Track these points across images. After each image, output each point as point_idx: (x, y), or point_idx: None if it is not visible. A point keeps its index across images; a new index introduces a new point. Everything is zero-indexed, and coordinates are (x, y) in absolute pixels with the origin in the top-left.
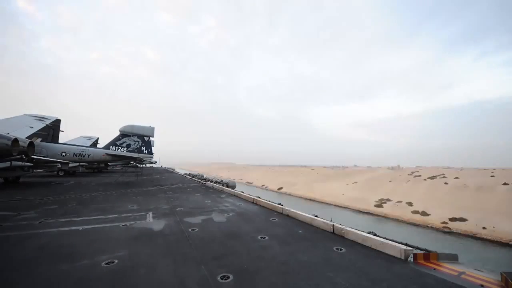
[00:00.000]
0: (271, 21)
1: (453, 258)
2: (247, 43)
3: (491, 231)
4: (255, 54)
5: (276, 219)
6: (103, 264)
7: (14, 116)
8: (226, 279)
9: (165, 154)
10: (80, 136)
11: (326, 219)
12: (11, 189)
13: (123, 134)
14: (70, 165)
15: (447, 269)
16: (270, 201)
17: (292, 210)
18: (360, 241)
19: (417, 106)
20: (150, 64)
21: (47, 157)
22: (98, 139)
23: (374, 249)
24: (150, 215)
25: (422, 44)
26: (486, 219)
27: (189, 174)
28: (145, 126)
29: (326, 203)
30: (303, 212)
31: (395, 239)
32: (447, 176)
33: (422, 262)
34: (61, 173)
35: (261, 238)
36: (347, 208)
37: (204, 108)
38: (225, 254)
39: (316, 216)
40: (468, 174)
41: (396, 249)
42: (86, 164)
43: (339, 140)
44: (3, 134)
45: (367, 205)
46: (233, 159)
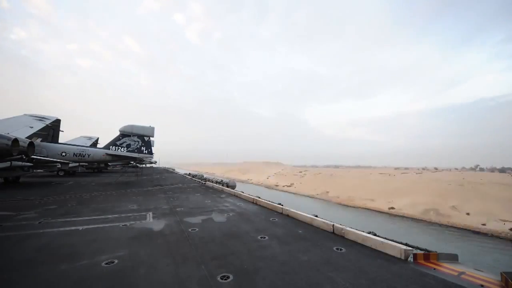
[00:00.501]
0: (260, 10)
1: (453, 258)
2: (237, 36)
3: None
4: (246, 48)
5: (276, 219)
6: (103, 264)
7: (14, 116)
8: (226, 279)
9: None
10: (80, 136)
11: (326, 219)
12: (11, 189)
13: (123, 134)
14: (70, 165)
15: (447, 269)
16: (270, 201)
17: (292, 210)
18: (360, 241)
19: (416, 104)
20: (135, 57)
21: (47, 157)
22: (98, 139)
23: (374, 249)
24: (150, 215)
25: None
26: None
27: (189, 174)
28: (145, 126)
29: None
30: (303, 212)
31: (395, 239)
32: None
33: (422, 262)
34: (61, 173)
35: (261, 238)
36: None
37: (194, 104)
38: (225, 254)
39: (316, 216)
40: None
41: (396, 249)
42: (86, 164)
43: (334, 138)
44: (3, 134)
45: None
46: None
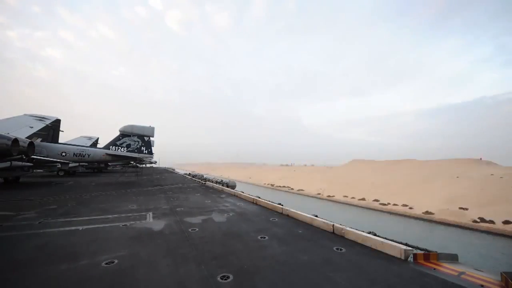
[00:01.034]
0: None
1: (453, 258)
2: (226, 26)
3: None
4: (232, 39)
5: (276, 219)
6: (103, 264)
7: (14, 116)
8: (226, 279)
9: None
10: (80, 136)
11: (326, 219)
12: (11, 189)
13: (123, 134)
14: (70, 165)
15: (447, 269)
16: (270, 201)
17: (292, 210)
18: (360, 241)
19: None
20: (112, 46)
21: (47, 157)
22: (98, 139)
23: (374, 249)
24: (150, 215)
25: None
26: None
27: (189, 174)
28: (145, 126)
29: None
30: (303, 212)
31: (395, 239)
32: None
33: (422, 262)
34: (61, 173)
35: (261, 238)
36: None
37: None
38: (225, 254)
39: (316, 216)
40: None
41: (396, 249)
42: (86, 164)
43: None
44: (3, 134)
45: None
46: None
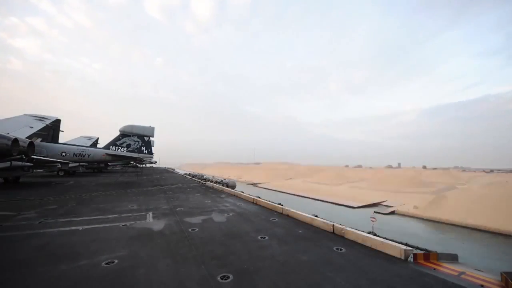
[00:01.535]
0: None
1: (453, 258)
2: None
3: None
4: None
5: (276, 219)
6: (103, 264)
7: (14, 116)
8: (226, 279)
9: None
10: (80, 136)
11: (326, 219)
12: (11, 189)
13: (123, 134)
14: (70, 165)
15: (447, 269)
16: (270, 201)
17: (292, 210)
18: (360, 241)
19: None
20: (88, 35)
21: (47, 157)
22: (98, 139)
23: (374, 249)
24: (150, 215)
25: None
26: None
27: (189, 174)
28: (145, 126)
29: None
30: (303, 212)
31: (395, 239)
32: None
33: (422, 262)
34: (61, 173)
35: (261, 238)
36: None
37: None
38: (225, 254)
39: (316, 216)
40: None
41: (396, 249)
42: (86, 164)
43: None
44: (3, 134)
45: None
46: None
